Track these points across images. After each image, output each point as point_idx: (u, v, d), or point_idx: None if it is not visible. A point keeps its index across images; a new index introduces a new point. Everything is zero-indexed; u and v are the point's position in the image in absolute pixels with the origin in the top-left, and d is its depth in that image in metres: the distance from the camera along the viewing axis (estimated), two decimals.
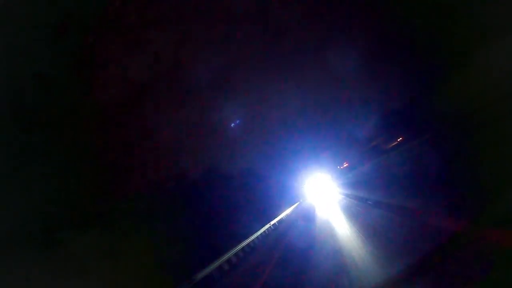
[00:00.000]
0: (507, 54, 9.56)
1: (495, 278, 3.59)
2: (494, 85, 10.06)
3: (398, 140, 18.73)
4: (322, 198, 37.77)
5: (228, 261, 11.59)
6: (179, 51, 9.78)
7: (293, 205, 34.74)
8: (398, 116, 18.50)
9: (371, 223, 10.13)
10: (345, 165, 40.16)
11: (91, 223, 7.44)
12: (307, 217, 21.36)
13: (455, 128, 12.16)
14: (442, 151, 11.55)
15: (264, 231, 18.63)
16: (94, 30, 7.34)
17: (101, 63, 7.97)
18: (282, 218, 25.32)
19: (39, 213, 6.64)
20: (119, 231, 7.97)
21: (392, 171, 17.42)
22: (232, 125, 15.20)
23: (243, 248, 13.70)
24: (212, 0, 9.78)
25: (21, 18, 6.13)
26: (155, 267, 8.28)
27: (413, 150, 16.09)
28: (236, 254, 12.56)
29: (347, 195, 26.27)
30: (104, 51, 7.91)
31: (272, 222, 21.06)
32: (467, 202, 6.48)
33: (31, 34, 6.30)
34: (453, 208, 6.52)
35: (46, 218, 6.74)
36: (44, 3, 6.40)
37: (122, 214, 8.41)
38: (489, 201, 5.56)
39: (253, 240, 15.62)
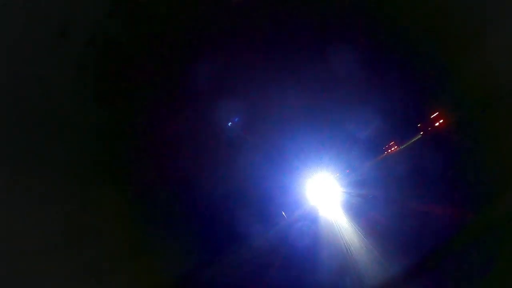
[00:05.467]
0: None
1: None
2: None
3: (391, 143, 19.19)
4: (325, 196, 39.18)
5: None
6: None
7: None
8: (395, 118, 18.98)
9: None
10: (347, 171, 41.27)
11: None
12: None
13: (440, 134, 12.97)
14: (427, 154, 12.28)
15: None
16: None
17: None
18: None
19: None
20: None
21: (389, 171, 18.26)
22: (230, 124, 15.10)
23: None
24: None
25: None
26: None
27: (404, 152, 16.84)
28: None
29: (349, 193, 28.16)
30: None
31: None
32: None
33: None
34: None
35: None
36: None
37: None
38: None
39: None
